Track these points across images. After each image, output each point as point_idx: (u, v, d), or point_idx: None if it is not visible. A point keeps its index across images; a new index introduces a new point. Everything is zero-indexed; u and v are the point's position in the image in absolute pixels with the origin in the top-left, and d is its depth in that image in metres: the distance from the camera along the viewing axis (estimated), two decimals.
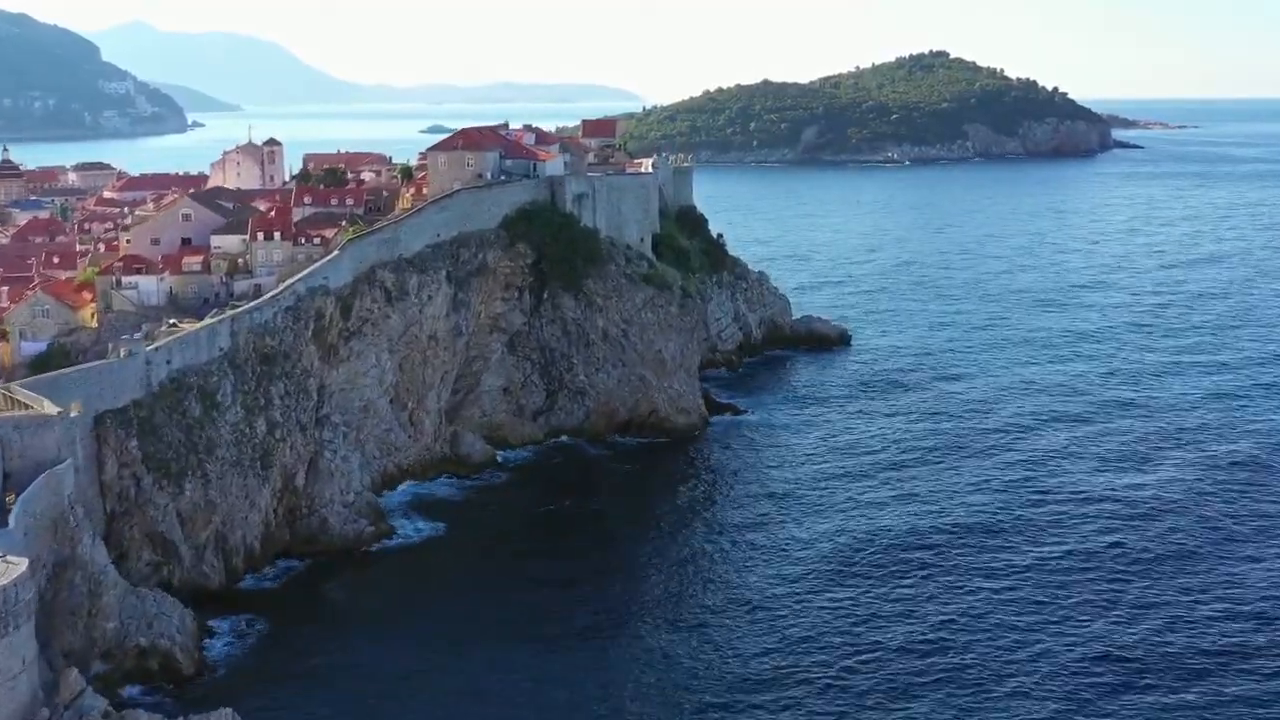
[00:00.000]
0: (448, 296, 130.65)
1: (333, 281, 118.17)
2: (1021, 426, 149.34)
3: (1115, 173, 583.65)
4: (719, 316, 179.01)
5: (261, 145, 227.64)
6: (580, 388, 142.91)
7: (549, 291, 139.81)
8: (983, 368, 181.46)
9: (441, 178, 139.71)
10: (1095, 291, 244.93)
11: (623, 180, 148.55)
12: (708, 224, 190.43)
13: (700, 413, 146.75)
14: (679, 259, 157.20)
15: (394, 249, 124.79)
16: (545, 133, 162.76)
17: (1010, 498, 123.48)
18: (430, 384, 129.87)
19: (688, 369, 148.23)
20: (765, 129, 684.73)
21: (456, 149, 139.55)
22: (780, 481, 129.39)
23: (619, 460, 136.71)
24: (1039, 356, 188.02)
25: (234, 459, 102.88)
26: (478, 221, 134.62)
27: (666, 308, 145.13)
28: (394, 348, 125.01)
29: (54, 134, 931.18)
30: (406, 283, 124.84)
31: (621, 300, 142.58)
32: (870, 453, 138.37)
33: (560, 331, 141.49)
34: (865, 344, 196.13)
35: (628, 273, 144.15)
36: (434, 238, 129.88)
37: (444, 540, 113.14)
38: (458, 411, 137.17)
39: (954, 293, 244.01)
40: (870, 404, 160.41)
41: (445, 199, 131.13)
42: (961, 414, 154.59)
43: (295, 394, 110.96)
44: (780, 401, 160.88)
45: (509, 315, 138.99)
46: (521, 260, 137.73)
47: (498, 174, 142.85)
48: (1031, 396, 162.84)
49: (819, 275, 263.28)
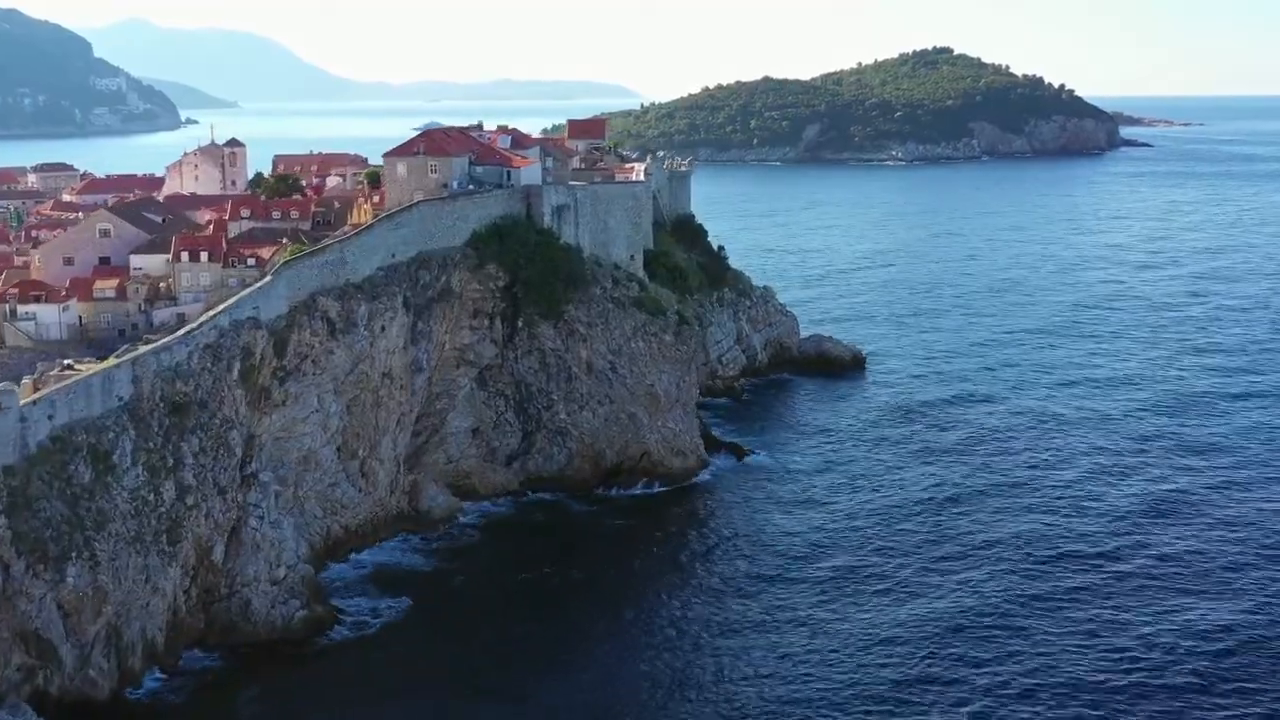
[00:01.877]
0: (405, 326, 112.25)
1: (265, 312, 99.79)
2: (1058, 466, 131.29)
3: (1127, 172, 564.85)
4: (720, 338, 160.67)
5: (222, 146, 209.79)
6: (561, 428, 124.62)
7: (524, 319, 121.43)
8: (1011, 392, 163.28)
9: (401, 188, 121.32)
10: (1124, 302, 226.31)
11: (610, 189, 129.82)
12: (707, 235, 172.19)
13: (699, 454, 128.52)
14: (675, 278, 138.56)
15: (339, 272, 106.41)
16: (523, 135, 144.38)
17: (1062, 568, 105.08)
18: (384, 428, 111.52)
19: (684, 405, 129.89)
20: (766, 127, 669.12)
21: (417, 154, 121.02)
22: (792, 540, 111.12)
23: (606, 514, 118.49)
24: (1070, 380, 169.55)
25: (132, 534, 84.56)
26: (441, 239, 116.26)
27: (660, 336, 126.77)
28: (340, 388, 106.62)
29: (44, 131, 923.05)
30: (354, 312, 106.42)
31: (608, 328, 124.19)
32: (896, 505, 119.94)
33: (537, 364, 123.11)
34: (880, 366, 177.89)
35: (615, 296, 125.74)
36: (388, 258, 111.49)
37: (400, 625, 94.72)
38: (419, 458, 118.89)
39: (973, 305, 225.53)
40: (891, 440, 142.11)
41: (402, 213, 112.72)
42: (995, 454, 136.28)
43: (214, 450, 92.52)
44: (790, 438, 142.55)
45: (478, 346, 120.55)
46: (492, 283, 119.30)
47: (466, 183, 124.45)
48: (1066, 431, 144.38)
49: (826, 286, 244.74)
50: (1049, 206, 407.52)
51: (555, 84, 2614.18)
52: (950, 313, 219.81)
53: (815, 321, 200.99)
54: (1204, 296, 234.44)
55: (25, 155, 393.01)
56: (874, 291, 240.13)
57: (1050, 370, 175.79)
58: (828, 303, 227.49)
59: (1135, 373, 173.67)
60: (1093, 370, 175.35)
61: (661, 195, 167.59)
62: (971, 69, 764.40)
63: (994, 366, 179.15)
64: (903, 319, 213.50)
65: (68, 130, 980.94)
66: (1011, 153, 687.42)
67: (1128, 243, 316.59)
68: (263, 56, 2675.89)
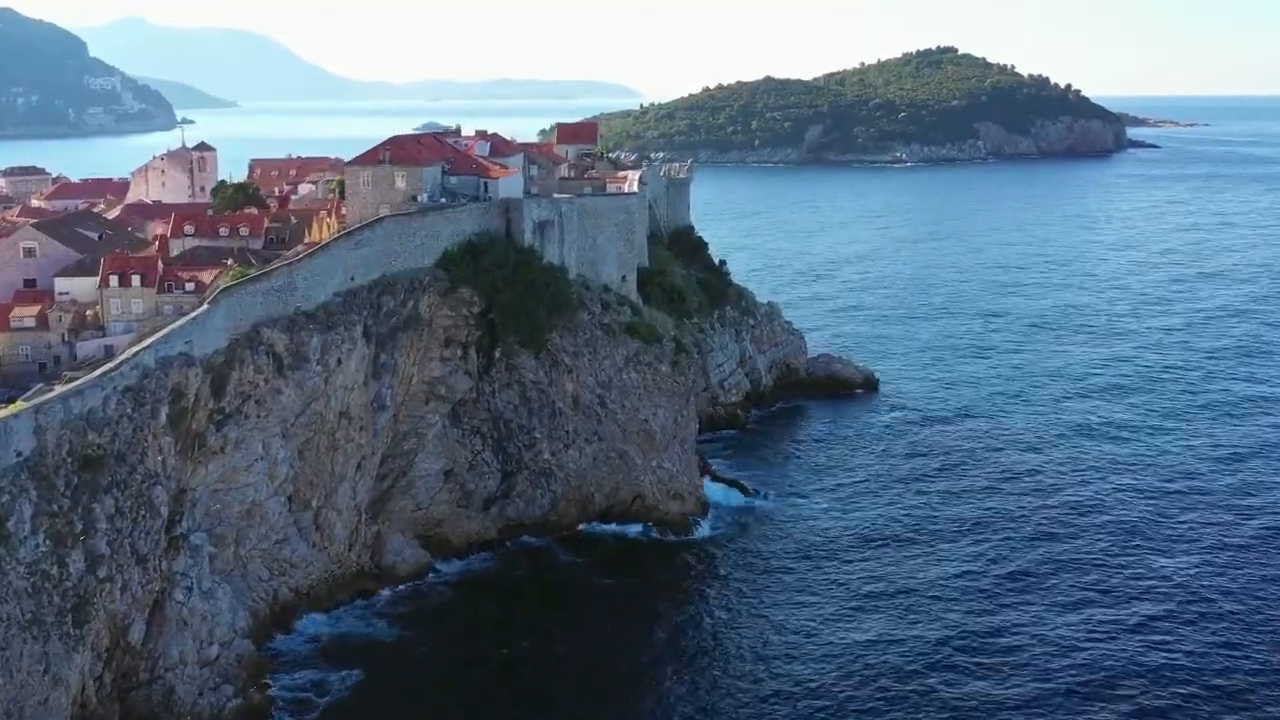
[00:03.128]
0: (365, 359, 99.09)
1: (199, 346, 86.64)
2: (1098, 507, 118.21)
3: (1137, 175, 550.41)
4: (721, 362, 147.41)
5: (191, 151, 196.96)
6: (544, 468, 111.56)
7: (502, 349, 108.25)
8: (1039, 416, 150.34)
9: (364, 201, 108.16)
10: (1153, 319, 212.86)
11: (599, 203, 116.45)
12: (707, 248, 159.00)
13: (698, 497, 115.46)
14: (672, 300, 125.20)
15: (288, 299, 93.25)
16: (504, 141, 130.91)
17: (1106, 632, 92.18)
18: (342, 474, 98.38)
19: (682, 442, 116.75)
20: (768, 128, 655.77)
21: (382, 163, 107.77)
22: (806, 602, 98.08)
23: (595, 567, 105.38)
24: (1102, 405, 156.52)
25: (29, 615, 71.36)
26: (407, 259, 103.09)
27: (654, 366, 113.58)
28: (289, 431, 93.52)
29: (37, 131, 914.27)
30: (305, 344, 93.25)
31: (596, 358, 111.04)
32: (919, 558, 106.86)
33: (518, 398, 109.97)
34: (894, 388, 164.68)
35: (605, 322, 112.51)
36: (347, 282, 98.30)
37: (348, 705, 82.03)
38: (383, 505, 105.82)
39: (989, 320, 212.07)
40: (910, 475, 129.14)
41: (362, 230, 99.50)
42: (1029, 492, 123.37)
43: (133, 511, 79.30)
44: (799, 475, 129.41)
45: (450, 379, 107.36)
46: (466, 309, 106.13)
47: (438, 195, 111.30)
48: (1106, 471, 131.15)
49: (831, 297, 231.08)
50: (1063, 212, 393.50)
51: (555, 83, 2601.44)
52: (964, 326, 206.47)
53: (822, 338, 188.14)
54: (1248, 313, 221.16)
55: (18, 156, 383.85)
56: (883, 303, 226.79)
57: (1083, 391, 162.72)
58: (834, 315, 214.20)
59: (1188, 398, 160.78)
60: (1122, 394, 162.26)
61: (658, 205, 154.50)
62: (976, 69, 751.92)
63: (1016, 386, 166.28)
64: (915, 333, 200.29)
65: (61, 130, 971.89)
66: (1018, 154, 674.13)
67: (1151, 252, 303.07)
68: (262, 55, 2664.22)
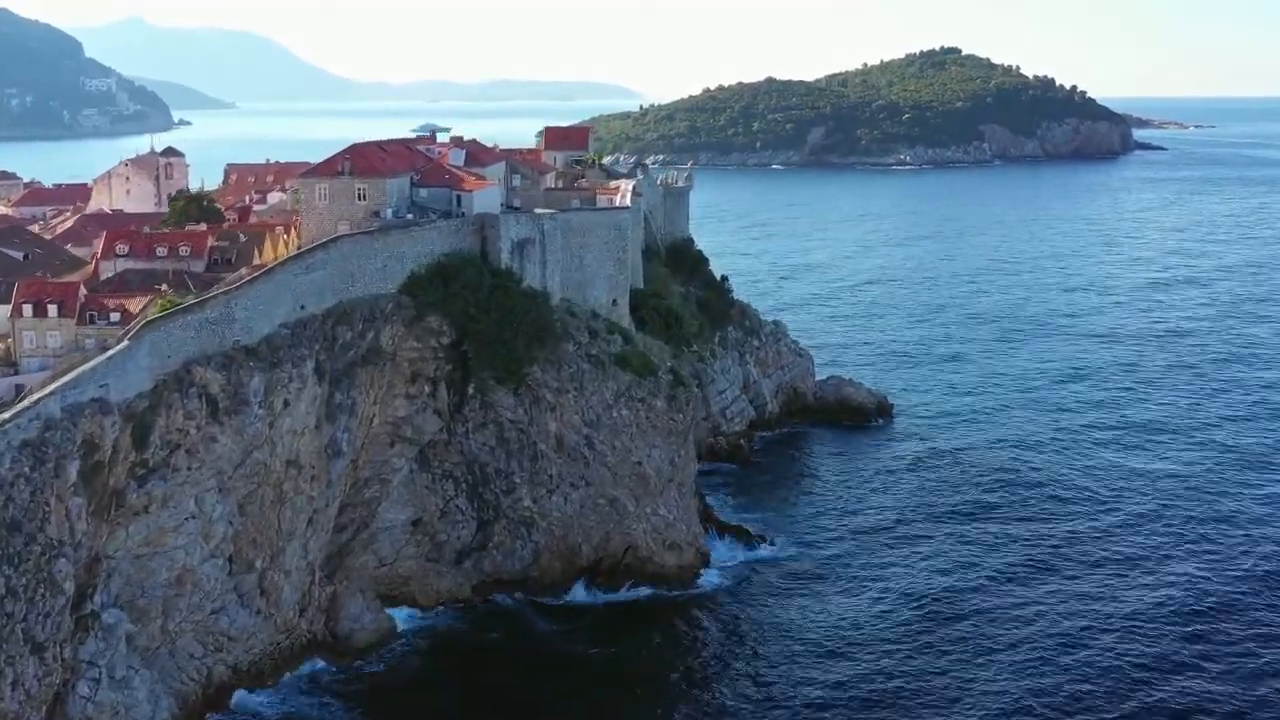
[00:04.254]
0: (317, 400, 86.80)
1: (117, 390, 74.37)
2: (1151, 559, 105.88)
3: (1148, 178, 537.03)
4: (724, 388, 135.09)
5: (158, 156, 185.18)
6: (525, 517, 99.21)
7: (476, 384, 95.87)
8: (1071, 450, 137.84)
9: (321, 217, 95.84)
10: (1187, 336, 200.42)
11: (586, 218, 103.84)
12: (708, 263, 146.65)
13: (698, 547, 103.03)
14: (669, 325, 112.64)
15: (225, 333, 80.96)
16: (482, 147, 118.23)
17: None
18: (291, 531, 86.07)
19: (680, 485, 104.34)
20: (769, 129, 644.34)
21: (341, 174, 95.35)
22: (822, 674, 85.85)
23: (582, 632, 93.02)
24: (1138, 433, 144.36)
25: None
26: (367, 284, 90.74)
27: (649, 402, 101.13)
28: (227, 484, 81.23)
29: (31, 133, 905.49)
30: (245, 384, 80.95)
31: (583, 394, 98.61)
32: (949, 615, 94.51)
33: (494, 439, 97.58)
34: (908, 413, 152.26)
35: (592, 353, 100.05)
36: (295, 311, 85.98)
37: None
38: (341, 562, 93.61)
39: (1009, 336, 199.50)
40: (933, 514, 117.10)
41: (314, 252, 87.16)
42: (1069, 536, 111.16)
43: (29, 590, 67.01)
44: (810, 518, 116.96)
45: (417, 419, 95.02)
46: (434, 340, 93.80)
47: (405, 210, 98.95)
48: (1156, 519, 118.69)
49: (839, 311, 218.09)
50: (1076, 217, 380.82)
51: (555, 84, 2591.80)
52: (981, 341, 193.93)
53: (828, 352, 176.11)
54: None
55: (11, 157, 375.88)
56: (892, 315, 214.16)
57: (1119, 419, 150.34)
58: (841, 329, 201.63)
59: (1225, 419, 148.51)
60: (1168, 414, 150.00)
61: (654, 216, 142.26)
62: (981, 70, 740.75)
63: (1042, 409, 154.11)
64: (929, 349, 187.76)
65: (56, 132, 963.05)
66: (1023, 156, 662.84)
67: (1177, 264, 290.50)
68: (261, 56, 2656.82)
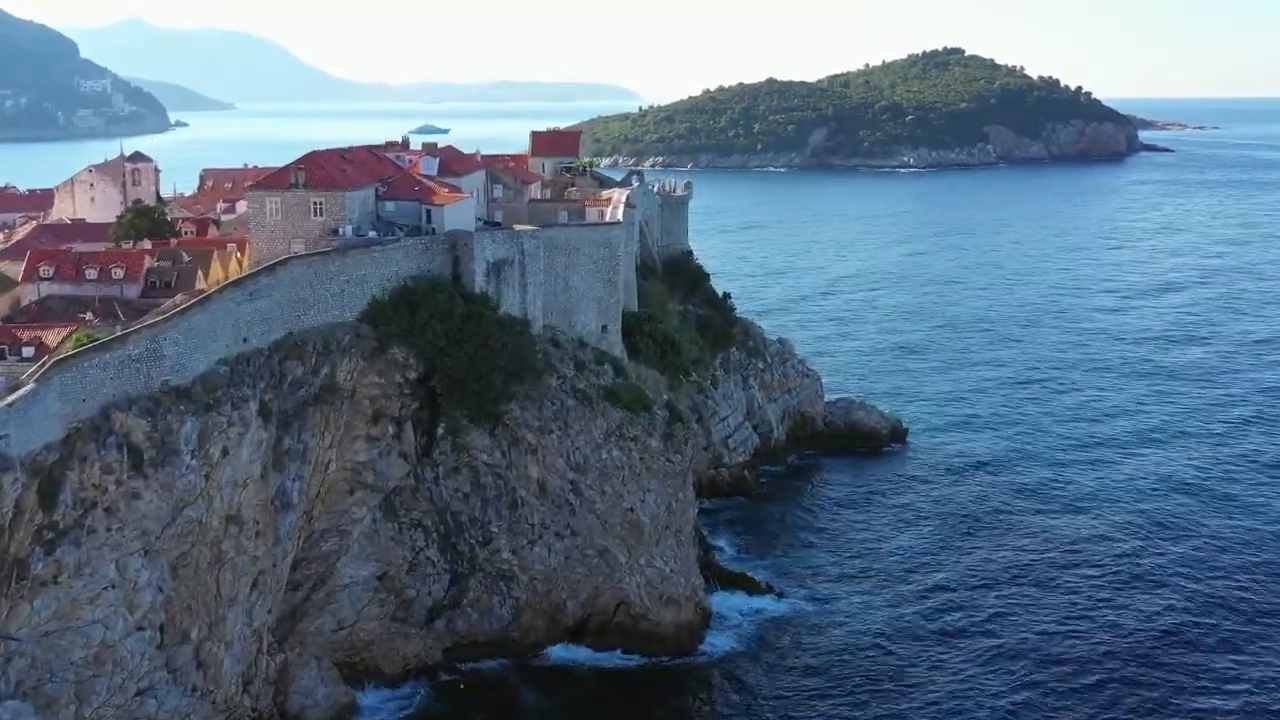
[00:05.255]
0: (262, 446, 75.87)
1: (20, 441, 63.41)
2: (1202, 609, 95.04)
3: (1158, 181, 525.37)
4: (726, 414, 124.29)
5: (124, 161, 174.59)
6: (504, 570, 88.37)
7: (447, 424, 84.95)
8: (1105, 478, 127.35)
9: (271, 235, 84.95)
10: (1210, 347, 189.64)
11: (573, 235, 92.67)
12: (709, 278, 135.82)
13: (697, 602, 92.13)
14: (665, 352, 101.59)
15: (151, 372, 70.01)
16: (460, 155, 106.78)
17: None
18: (232, 596, 75.12)
19: (678, 533, 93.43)
20: (770, 131, 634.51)
21: (294, 187, 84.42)
22: None
23: (567, 706, 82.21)
24: (1172, 458, 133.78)
25: None
26: (322, 312, 79.85)
27: (643, 441, 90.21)
28: (155, 546, 70.27)
29: (25, 134, 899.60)
30: (174, 431, 70.03)
31: (568, 434, 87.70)
32: (995, 692, 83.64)
33: (468, 485, 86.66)
34: (925, 439, 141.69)
35: (579, 388, 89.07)
36: (237, 344, 75.06)
37: None
38: (293, 626, 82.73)
39: (1026, 350, 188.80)
40: (958, 559, 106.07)
41: (258, 277, 76.22)
42: (1109, 579, 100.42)
43: None
44: (823, 562, 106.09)
45: (380, 464, 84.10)
46: (399, 375, 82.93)
47: (369, 227, 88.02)
48: (1201, 561, 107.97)
49: (847, 326, 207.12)
50: (1088, 222, 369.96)
51: (555, 85, 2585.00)
52: (999, 358, 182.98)
53: (835, 370, 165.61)
54: None
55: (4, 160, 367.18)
56: (902, 328, 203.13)
57: (1151, 438, 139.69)
58: (849, 344, 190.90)
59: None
60: (1193, 429, 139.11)
61: (651, 227, 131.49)
62: (984, 70, 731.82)
63: (1069, 431, 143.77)
64: (943, 366, 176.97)
65: (50, 133, 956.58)
66: (1028, 158, 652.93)
67: (1194, 270, 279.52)
68: (261, 57, 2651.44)
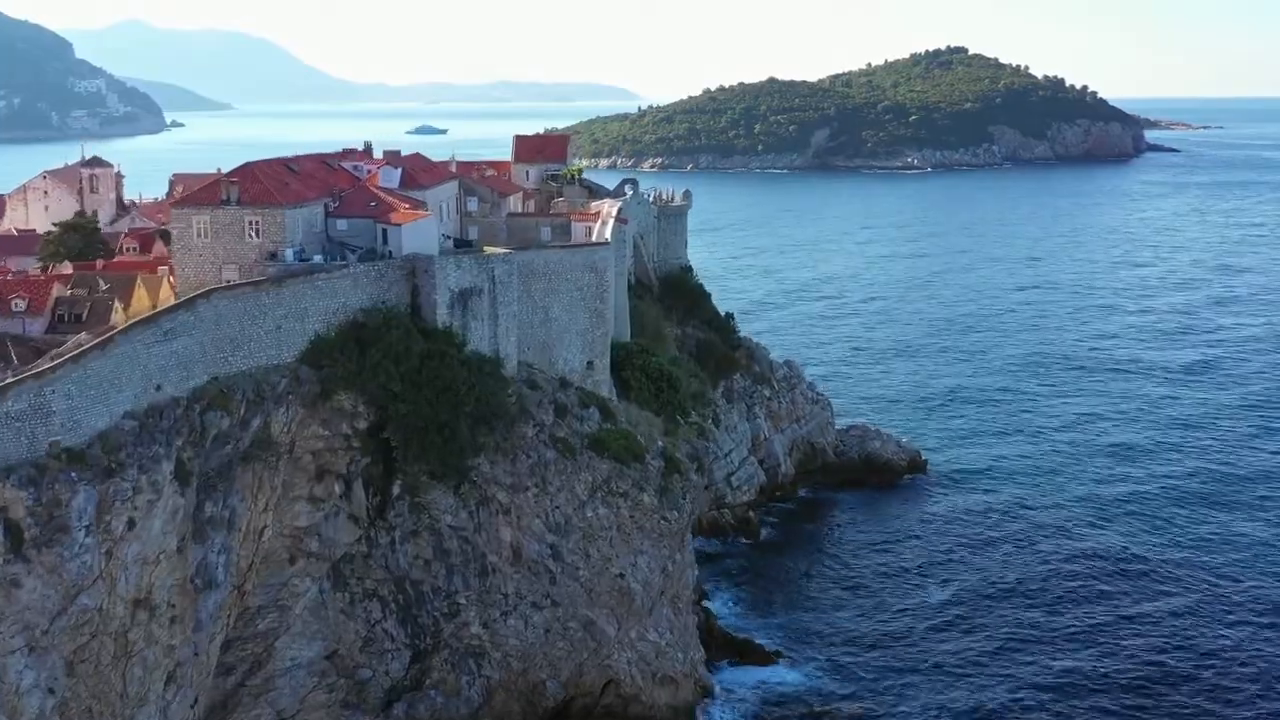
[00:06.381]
0: (178, 514, 63.66)
1: None
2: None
3: (1168, 182, 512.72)
4: (729, 449, 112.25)
5: (80, 167, 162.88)
6: (473, 646, 76.19)
7: (405, 482, 72.74)
8: (1153, 516, 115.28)
9: (199, 261, 72.73)
10: (1243, 370, 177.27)
11: (553, 259, 79.92)
12: (710, 297, 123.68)
13: (697, 679, 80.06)
14: (661, 390, 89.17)
15: (35, 432, 57.85)
16: (428, 164, 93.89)
17: None
18: (142, 695, 62.84)
19: (674, 599, 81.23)
20: (771, 131, 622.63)
21: (226, 203, 72.16)
22: None
23: None
24: (1220, 489, 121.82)
25: None
26: (253, 353, 67.65)
27: (634, 496, 78.01)
28: (42, 641, 58.17)
29: (16, 136, 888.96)
30: (64, 503, 57.84)
31: (546, 491, 75.49)
32: None
33: (430, 551, 74.42)
34: (946, 469, 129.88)
35: (560, 436, 76.83)
36: (146, 395, 62.85)
37: None
38: (225, 718, 70.52)
39: (1047, 365, 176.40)
40: (992, 617, 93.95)
41: (175, 312, 63.94)
42: (1172, 640, 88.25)
43: None
44: (838, 621, 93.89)
45: (326, 528, 71.88)
46: (347, 425, 70.71)
47: (318, 250, 75.82)
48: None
49: (856, 342, 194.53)
50: (1101, 227, 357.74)
51: (555, 86, 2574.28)
52: (1021, 374, 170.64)
53: (843, 390, 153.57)
54: None
55: None
56: (915, 342, 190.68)
57: (1193, 478, 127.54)
58: (858, 360, 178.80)
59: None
60: (1231, 457, 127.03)
61: (646, 241, 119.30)
62: (989, 69, 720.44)
63: (1094, 455, 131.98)
64: (962, 384, 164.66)
65: (44, 134, 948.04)
66: (1034, 158, 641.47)
67: (1218, 281, 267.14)
68: (261, 57, 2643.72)
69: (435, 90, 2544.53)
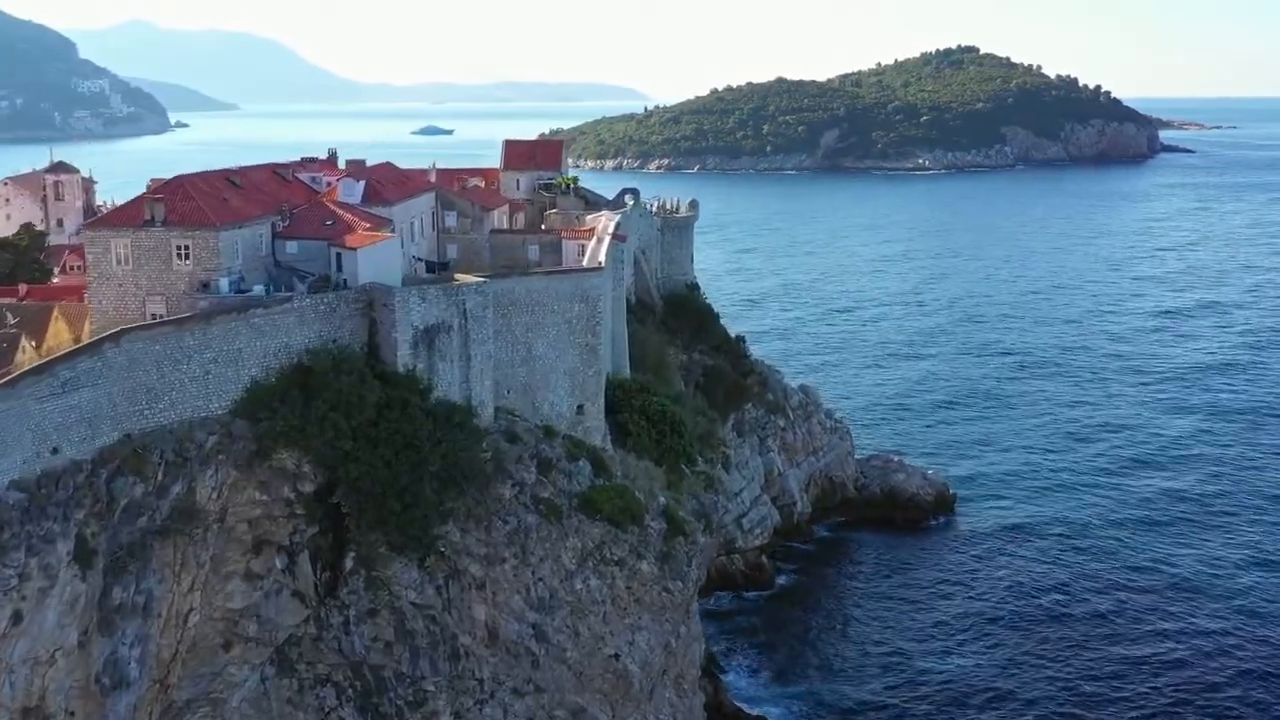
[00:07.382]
0: (78, 602, 52.80)
1: None
2: None
3: (1184, 183, 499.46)
4: (740, 488, 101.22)
5: (43, 173, 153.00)
6: None
7: (359, 553, 61.72)
8: (1202, 553, 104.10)
9: (119, 292, 61.83)
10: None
11: (536, 287, 68.43)
12: (719, 318, 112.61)
13: None
14: (663, 435, 77.95)
15: None
16: (400, 175, 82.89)
17: None
18: None
19: (679, 680, 70.15)
20: (780, 132, 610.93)
21: (150, 224, 61.31)
22: None
23: None
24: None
25: None
26: (175, 404, 56.79)
27: (631, 564, 66.90)
28: None
29: (19, 136, 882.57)
30: None
31: (527, 562, 64.36)
32: None
33: (391, 632, 63.35)
34: (976, 505, 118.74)
35: (544, 496, 65.73)
36: (38, 459, 51.95)
37: None
38: None
39: (1091, 385, 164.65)
40: (1036, 677, 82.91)
41: (77, 357, 53.15)
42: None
43: None
44: (860, 685, 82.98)
45: (267, 608, 60.90)
46: (289, 488, 59.74)
47: (265, 276, 64.90)
48: None
49: (873, 358, 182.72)
50: (1120, 230, 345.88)
51: (560, 86, 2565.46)
52: (1055, 397, 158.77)
53: (861, 415, 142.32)
54: None
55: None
56: (938, 362, 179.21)
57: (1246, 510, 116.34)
58: (878, 382, 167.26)
59: None
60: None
61: (649, 256, 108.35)
62: (1000, 69, 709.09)
63: (1140, 489, 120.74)
64: (990, 409, 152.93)
65: (47, 134, 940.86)
66: (1047, 159, 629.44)
67: (1252, 294, 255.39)
68: (266, 58, 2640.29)
69: (438, 90, 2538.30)
